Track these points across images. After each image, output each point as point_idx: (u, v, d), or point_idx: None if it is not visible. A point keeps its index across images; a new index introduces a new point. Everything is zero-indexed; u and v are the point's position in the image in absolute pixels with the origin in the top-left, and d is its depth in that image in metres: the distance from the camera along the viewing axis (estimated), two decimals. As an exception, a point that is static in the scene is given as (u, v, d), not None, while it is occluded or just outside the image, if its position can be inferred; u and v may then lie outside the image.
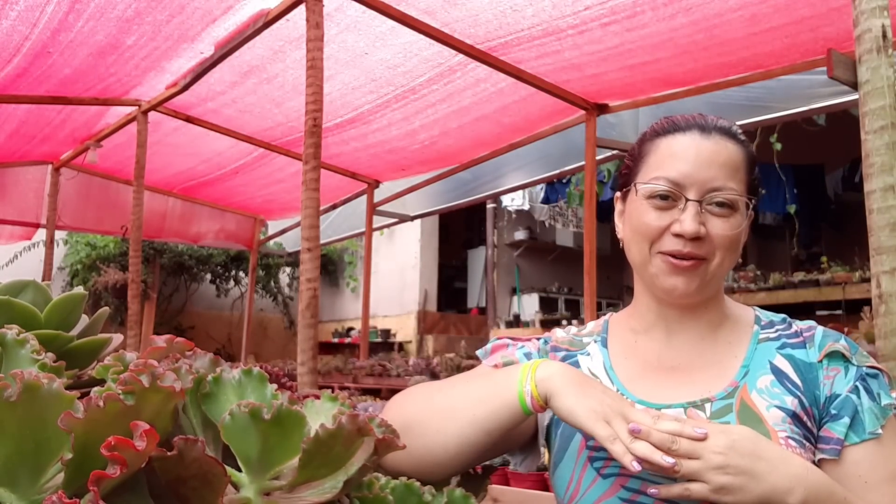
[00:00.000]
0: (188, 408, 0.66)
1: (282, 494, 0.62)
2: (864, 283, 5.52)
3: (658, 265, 1.02)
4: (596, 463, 1.00)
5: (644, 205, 1.03)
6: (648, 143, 1.07)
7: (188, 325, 9.52)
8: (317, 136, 2.59)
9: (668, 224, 1.01)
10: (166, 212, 6.42)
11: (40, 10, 3.14)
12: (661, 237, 1.02)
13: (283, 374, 0.86)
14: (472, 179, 5.45)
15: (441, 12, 3.14)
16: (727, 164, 1.01)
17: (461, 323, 10.21)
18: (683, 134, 1.03)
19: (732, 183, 1.00)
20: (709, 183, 0.99)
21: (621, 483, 0.96)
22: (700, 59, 3.25)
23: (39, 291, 0.84)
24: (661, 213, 1.01)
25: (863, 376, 0.98)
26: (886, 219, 1.54)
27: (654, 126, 1.09)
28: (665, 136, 1.05)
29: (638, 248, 1.05)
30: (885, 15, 1.59)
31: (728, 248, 1.01)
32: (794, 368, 1.00)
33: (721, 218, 1.00)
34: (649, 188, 1.02)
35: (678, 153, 1.02)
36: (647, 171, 1.05)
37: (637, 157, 1.09)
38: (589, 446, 1.01)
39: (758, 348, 1.04)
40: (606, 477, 0.98)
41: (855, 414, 0.95)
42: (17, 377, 0.52)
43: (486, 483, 1.05)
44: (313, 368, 2.50)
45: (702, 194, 0.99)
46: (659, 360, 1.07)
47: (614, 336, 1.15)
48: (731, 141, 1.03)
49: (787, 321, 1.08)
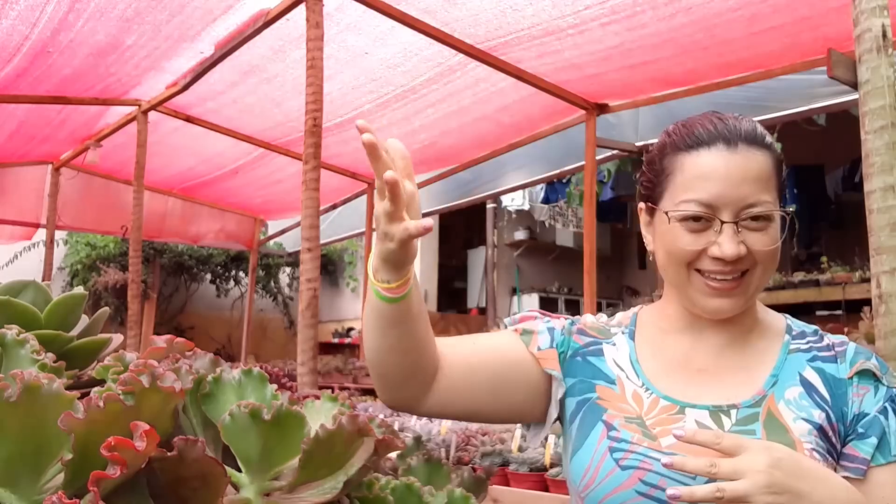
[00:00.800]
0: (188, 408, 0.66)
1: (282, 495, 0.62)
2: (864, 283, 5.51)
3: (698, 287, 1.00)
4: (616, 453, 0.99)
5: (676, 227, 0.99)
6: (671, 158, 1.02)
7: (188, 326, 9.51)
8: (317, 136, 2.59)
9: (703, 247, 0.98)
10: (166, 212, 6.42)
11: (40, 9, 3.14)
12: (699, 258, 0.99)
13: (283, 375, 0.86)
14: (472, 179, 5.44)
15: (441, 12, 3.14)
16: (758, 177, 0.97)
17: (461, 323, 10.20)
18: (708, 150, 0.98)
19: (766, 195, 0.97)
20: (742, 201, 0.96)
21: (639, 476, 0.96)
22: (700, 59, 3.25)
23: (39, 291, 0.84)
24: (695, 237, 0.98)
25: (892, 397, 0.97)
26: (886, 219, 1.54)
27: (675, 139, 1.03)
28: (689, 153, 1.00)
29: (674, 270, 1.02)
30: (884, 15, 1.59)
31: (769, 260, 1.00)
32: (823, 382, 1.00)
33: (758, 232, 0.97)
34: (680, 213, 0.98)
35: (707, 173, 0.98)
36: (675, 191, 1.00)
37: (660, 172, 1.04)
38: (610, 436, 1.01)
39: (788, 359, 1.03)
40: (625, 469, 0.97)
41: (883, 435, 0.94)
42: (17, 377, 0.52)
43: (487, 483, 1.05)
44: (313, 368, 2.50)
45: (736, 214, 0.96)
46: (686, 360, 1.06)
47: (642, 330, 1.14)
48: (759, 149, 0.99)
49: (818, 333, 1.07)
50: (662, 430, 0.99)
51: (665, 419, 1.01)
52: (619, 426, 1.02)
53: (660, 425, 1.00)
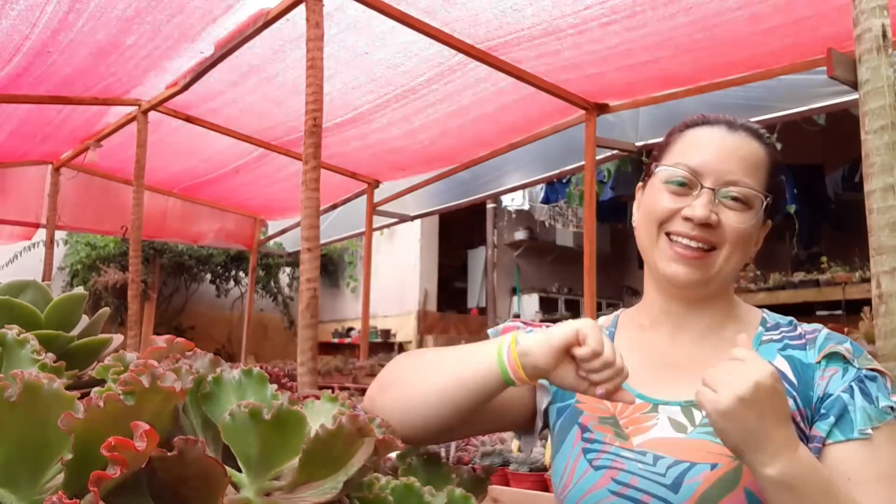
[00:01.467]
0: (188, 408, 0.66)
1: (282, 495, 0.62)
2: (864, 283, 5.52)
3: (663, 248, 1.03)
4: (589, 454, 1.01)
5: (660, 188, 1.05)
6: (677, 134, 1.09)
7: (188, 325, 9.51)
8: (317, 136, 2.59)
9: (679, 208, 1.02)
10: (166, 212, 6.42)
11: (40, 9, 3.14)
12: (671, 219, 1.02)
13: (283, 375, 0.86)
14: (472, 179, 5.44)
15: (441, 12, 3.14)
16: (747, 159, 1.02)
17: (461, 323, 10.21)
18: (711, 127, 1.05)
19: (750, 179, 1.01)
20: (726, 175, 1.00)
21: (612, 476, 0.98)
22: (700, 59, 3.25)
23: (40, 291, 0.84)
24: (675, 198, 1.03)
25: (861, 378, 0.97)
26: (886, 219, 1.54)
27: (685, 120, 1.11)
28: (693, 128, 1.07)
29: (647, 230, 1.06)
30: (884, 14, 1.59)
31: (736, 242, 1.01)
32: (792, 369, 1.00)
33: (734, 211, 1.00)
34: (668, 172, 1.04)
35: (701, 143, 1.04)
36: (670, 157, 1.07)
37: (663, 146, 1.10)
38: (584, 437, 1.03)
39: (759, 349, 1.03)
40: (598, 469, 0.99)
41: (844, 413, 0.94)
42: (18, 377, 0.52)
43: (487, 483, 1.05)
44: (313, 368, 2.50)
45: (718, 184, 1.00)
46: (662, 357, 1.08)
47: (623, 330, 1.16)
48: (756, 140, 1.04)
49: (793, 324, 1.08)
50: (635, 430, 1.01)
51: (638, 418, 1.02)
52: (593, 427, 1.03)
53: (632, 424, 1.02)
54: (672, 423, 0.99)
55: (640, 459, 0.97)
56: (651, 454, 0.97)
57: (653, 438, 0.99)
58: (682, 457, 0.95)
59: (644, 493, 0.95)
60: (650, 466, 0.96)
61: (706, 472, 0.92)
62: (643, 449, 0.98)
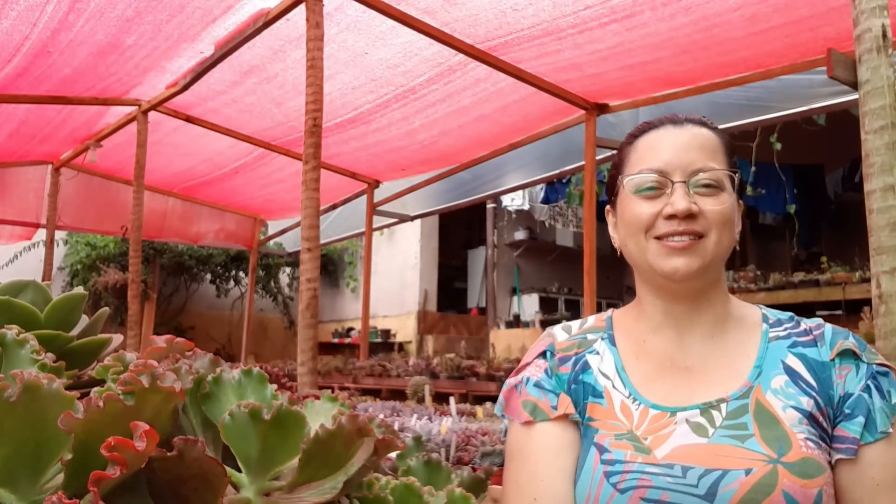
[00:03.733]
0: (188, 408, 0.66)
1: (282, 495, 0.62)
2: (864, 283, 5.52)
3: (655, 250, 1.03)
4: (612, 477, 0.97)
5: (633, 199, 1.06)
6: (627, 147, 1.11)
7: (188, 326, 9.51)
8: (317, 136, 2.59)
9: (659, 210, 1.03)
10: (166, 212, 6.42)
11: (40, 9, 3.14)
12: (655, 223, 1.03)
13: (283, 375, 0.86)
14: (472, 179, 5.45)
15: (441, 12, 3.14)
16: (704, 146, 1.04)
17: (461, 323, 10.20)
18: (657, 130, 1.08)
19: (713, 163, 1.03)
20: (691, 165, 1.02)
21: (640, 495, 0.94)
22: (700, 59, 3.25)
23: (39, 291, 0.84)
24: (651, 202, 1.04)
25: (873, 374, 0.97)
26: (886, 219, 1.54)
27: (630, 132, 1.14)
28: (641, 136, 1.10)
29: (633, 241, 1.06)
30: (884, 15, 1.59)
31: (723, 225, 1.02)
32: (807, 368, 1.00)
33: (710, 197, 1.02)
34: (636, 180, 1.05)
35: (656, 145, 1.06)
36: (630, 169, 1.08)
37: (618, 163, 1.12)
38: (603, 459, 0.99)
39: (769, 347, 1.03)
40: (624, 491, 0.95)
41: (868, 413, 0.95)
42: (17, 377, 0.52)
43: (487, 483, 1.05)
44: (313, 369, 2.50)
45: (686, 176, 1.02)
46: (672, 362, 1.05)
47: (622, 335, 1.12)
48: (704, 128, 1.07)
49: (794, 319, 1.07)
50: (655, 439, 0.98)
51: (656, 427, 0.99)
52: (610, 446, 0.99)
53: (651, 434, 0.99)
54: (692, 426, 0.97)
55: (668, 473, 0.93)
56: (679, 466, 0.93)
57: (676, 448, 0.96)
58: (711, 464, 0.92)
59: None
60: (680, 479, 0.92)
61: (742, 479, 0.90)
62: (669, 461, 0.94)
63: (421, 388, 4.30)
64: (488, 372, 5.55)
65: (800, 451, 0.91)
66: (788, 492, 0.88)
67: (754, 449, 0.92)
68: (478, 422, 2.99)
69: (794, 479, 0.89)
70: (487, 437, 2.62)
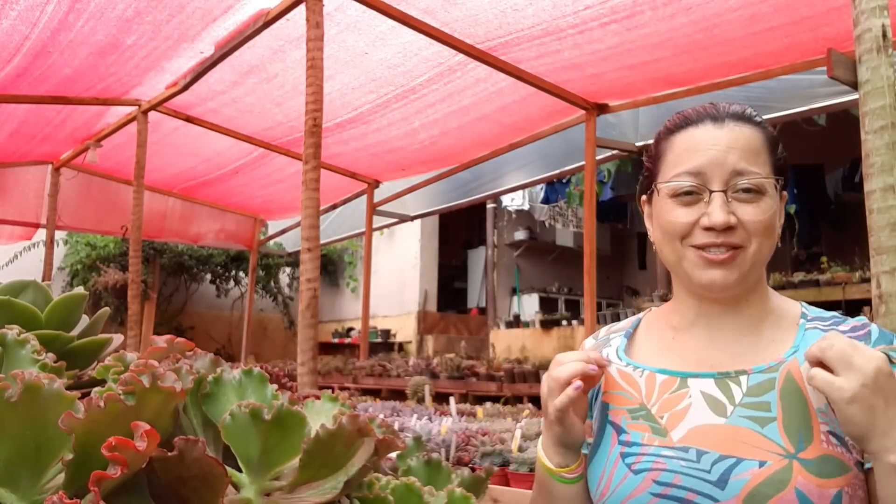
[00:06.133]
0: (188, 408, 0.66)
1: (282, 495, 0.62)
2: (864, 283, 5.51)
3: (692, 260, 0.99)
4: (628, 458, 0.97)
5: (669, 203, 1.01)
6: (664, 142, 1.05)
7: (188, 326, 9.52)
8: (317, 136, 2.60)
9: (696, 219, 0.98)
10: (166, 212, 6.42)
11: (40, 9, 3.14)
12: (692, 232, 0.99)
13: (283, 375, 0.85)
14: (472, 179, 5.45)
15: (441, 12, 3.14)
16: (746, 148, 0.98)
17: (461, 323, 10.21)
18: (696, 127, 1.01)
19: (755, 167, 0.98)
20: (730, 170, 0.97)
21: (653, 478, 0.94)
22: (700, 59, 3.25)
23: (40, 291, 0.83)
24: (687, 210, 0.99)
25: None
26: (886, 219, 1.54)
27: (666, 124, 1.07)
28: (679, 132, 1.03)
29: (670, 247, 1.02)
30: (884, 15, 1.59)
31: (763, 234, 0.98)
32: None
33: (750, 204, 0.97)
34: (671, 186, 1.00)
35: (694, 146, 1.00)
36: (667, 169, 1.03)
37: (655, 157, 1.07)
38: (620, 441, 0.99)
39: (806, 333, 0.99)
40: (638, 472, 0.96)
41: None
42: (18, 377, 0.52)
43: (486, 483, 1.05)
44: (313, 369, 2.50)
45: (725, 183, 0.97)
46: (698, 358, 1.03)
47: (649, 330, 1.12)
48: (747, 125, 1.01)
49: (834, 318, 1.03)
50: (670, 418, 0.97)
51: (668, 399, 0.98)
52: (627, 426, 1.00)
53: (665, 410, 0.98)
54: (708, 400, 0.96)
55: (682, 457, 0.93)
56: (694, 450, 0.93)
57: (693, 428, 0.95)
58: (727, 451, 0.91)
59: (688, 492, 0.91)
60: (694, 463, 0.92)
61: (754, 470, 0.88)
62: (685, 444, 0.94)
63: (421, 388, 4.30)
64: (488, 372, 5.56)
65: (820, 448, 0.89)
66: (802, 490, 0.86)
67: (773, 438, 0.90)
68: (478, 422, 2.99)
69: (810, 477, 0.86)
70: (487, 437, 2.63)
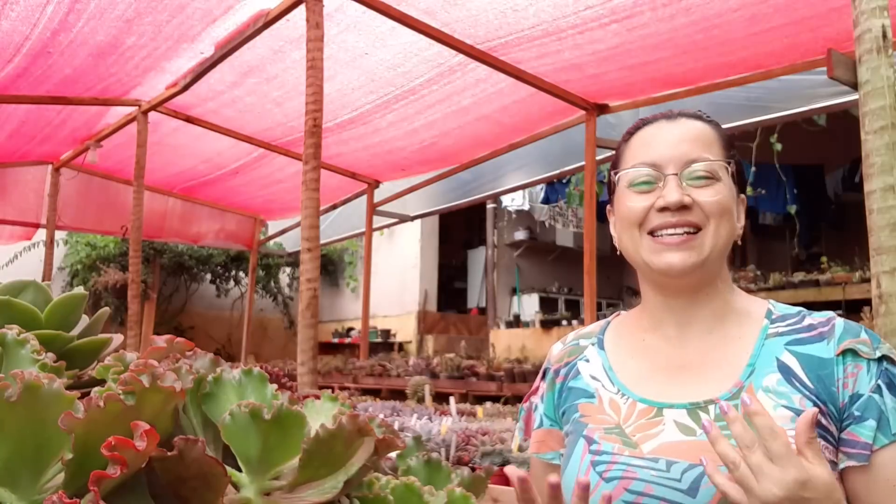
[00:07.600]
0: (188, 408, 0.66)
1: (282, 494, 0.62)
2: (864, 283, 5.51)
3: (648, 246, 1.02)
4: (598, 466, 0.99)
5: (628, 193, 1.05)
6: (623, 145, 1.11)
7: (188, 325, 9.52)
8: (317, 136, 2.60)
9: (652, 203, 1.02)
10: (166, 212, 6.42)
11: (40, 10, 3.15)
12: (648, 217, 1.02)
13: (283, 374, 0.85)
14: (472, 179, 5.45)
15: (441, 12, 3.14)
16: (698, 138, 1.03)
17: (461, 323, 10.21)
18: (651, 125, 1.08)
19: (708, 154, 1.02)
20: (684, 157, 1.02)
21: (624, 486, 0.95)
22: (700, 59, 3.25)
23: (40, 291, 0.83)
24: (645, 196, 1.03)
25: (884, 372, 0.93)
26: (886, 219, 1.54)
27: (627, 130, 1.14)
28: (636, 133, 1.10)
29: (628, 236, 1.06)
30: (885, 15, 1.59)
31: (720, 216, 1.00)
32: (802, 365, 0.96)
33: (704, 188, 1.01)
34: (630, 174, 1.05)
35: (650, 140, 1.06)
36: (625, 165, 1.08)
37: (616, 159, 1.13)
38: (591, 450, 1.01)
39: (765, 344, 1.00)
40: (609, 480, 0.97)
41: (881, 415, 0.91)
42: (18, 377, 0.52)
43: (486, 483, 1.05)
44: (313, 368, 2.50)
45: (680, 168, 1.01)
46: (668, 360, 1.05)
47: (619, 336, 1.14)
48: (699, 121, 1.06)
49: (800, 314, 1.04)
50: (643, 437, 0.98)
51: (644, 424, 1.00)
52: (600, 438, 1.02)
53: (639, 431, 0.99)
54: (679, 426, 0.97)
55: (652, 466, 0.95)
56: (664, 460, 0.95)
57: (663, 444, 0.97)
58: (696, 460, 0.92)
59: (660, 500, 0.93)
60: (664, 472, 0.94)
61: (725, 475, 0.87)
62: (655, 455, 0.96)
63: (421, 387, 4.30)
64: (488, 372, 5.56)
65: None
66: None
67: None
68: (478, 422, 2.99)
69: None
70: (487, 437, 2.63)
